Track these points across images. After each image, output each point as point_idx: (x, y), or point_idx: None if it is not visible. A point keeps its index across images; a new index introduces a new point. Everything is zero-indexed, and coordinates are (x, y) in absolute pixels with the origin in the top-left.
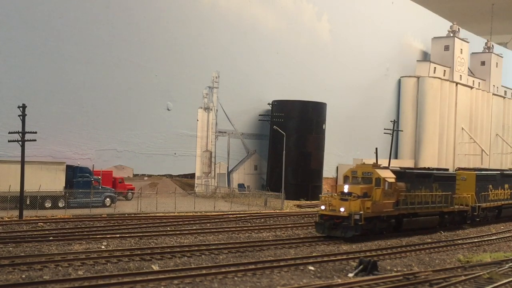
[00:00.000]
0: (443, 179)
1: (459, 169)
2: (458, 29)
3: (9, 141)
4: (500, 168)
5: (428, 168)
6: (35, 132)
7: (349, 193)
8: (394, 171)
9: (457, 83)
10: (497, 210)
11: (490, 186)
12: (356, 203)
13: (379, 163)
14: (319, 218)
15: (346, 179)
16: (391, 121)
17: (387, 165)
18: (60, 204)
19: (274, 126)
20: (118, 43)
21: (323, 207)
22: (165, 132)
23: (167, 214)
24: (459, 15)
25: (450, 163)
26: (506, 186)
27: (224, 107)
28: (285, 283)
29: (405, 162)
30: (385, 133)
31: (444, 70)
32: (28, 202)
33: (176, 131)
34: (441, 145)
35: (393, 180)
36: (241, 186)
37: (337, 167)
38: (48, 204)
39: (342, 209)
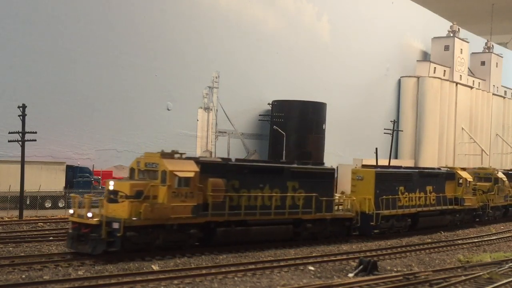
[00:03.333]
0: (307, 176)
1: (364, 166)
2: (458, 29)
3: (9, 141)
4: (501, 168)
5: (285, 161)
6: (35, 132)
7: (115, 192)
8: (206, 163)
9: (457, 83)
10: (410, 219)
11: (401, 188)
12: (123, 206)
13: (379, 163)
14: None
15: (132, 172)
16: (391, 121)
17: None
18: (60, 204)
19: (274, 126)
20: (118, 43)
21: (71, 211)
22: (165, 132)
23: None
24: (459, 15)
25: (450, 163)
26: (429, 188)
27: (224, 107)
28: (285, 283)
29: (405, 162)
30: (385, 133)
31: (444, 70)
32: (28, 202)
33: (176, 131)
34: (441, 145)
35: (189, 175)
36: None
37: (337, 167)
38: (48, 204)
39: (89, 214)
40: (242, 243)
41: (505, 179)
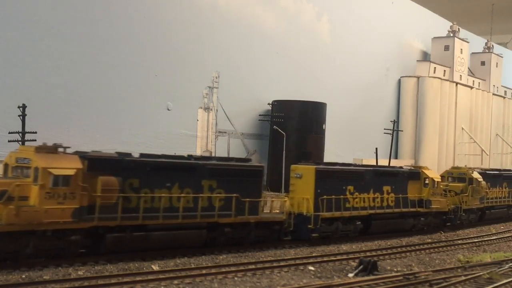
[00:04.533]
0: (228, 175)
1: (305, 163)
2: (458, 29)
3: (9, 141)
4: (501, 168)
5: (202, 157)
6: (35, 132)
7: None
8: (95, 158)
9: (457, 83)
10: (362, 222)
11: (350, 187)
12: None
13: (379, 163)
14: None
15: (5, 169)
16: (391, 121)
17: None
18: None
19: (274, 126)
20: (118, 43)
21: None
22: (165, 132)
23: None
24: (459, 15)
25: (450, 163)
26: (387, 188)
27: (224, 107)
28: (285, 283)
29: (405, 162)
30: (385, 133)
31: (444, 70)
32: None
33: (176, 131)
34: (441, 145)
35: (68, 172)
36: None
37: None
38: None
39: None
40: (141, 250)
41: (480, 179)
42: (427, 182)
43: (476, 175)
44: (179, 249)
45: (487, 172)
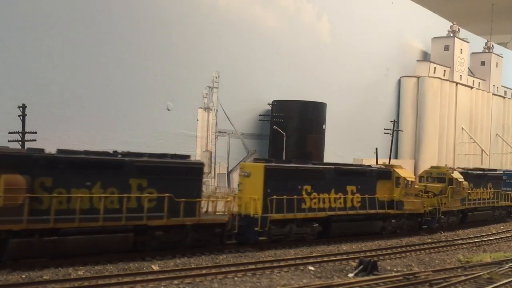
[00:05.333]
0: (161, 173)
1: (256, 160)
2: (458, 29)
3: (9, 141)
4: (501, 168)
5: (130, 154)
6: (35, 132)
7: None
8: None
9: (457, 83)
10: (320, 225)
11: (307, 187)
12: None
13: (379, 163)
14: None
15: None
16: (391, 121)
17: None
18: None
19: (274, 126)
20: (118, 43)
21: None
22: (165, 132)
23: None
24: (459, 15)
25: (450, 163)
26: (351, 188)
27: (224, 107)
28: (285, 283)
29: (405, 162)
30: (385, 133)
31: (444, 70)
32: None
33: (176, 131)
34: (441, 145)
35: None
36: None
37: None
38: None
39: None
40: (54, 256)
41: (461, 179)
42: (399, 182)
43: (456, 175)
44: (101, 255)
45: (470, 172)
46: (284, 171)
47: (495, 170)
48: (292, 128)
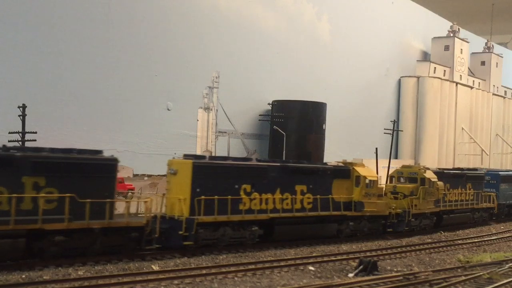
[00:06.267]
0: (64, 170)
1: (186, 156)
2: (458, 29)
3: (9, 141)
4: (501, 168)
5: (25, 148)
6: (35, 132)
7: None
8: None
9: (457, 83)
10: (259, 227)
11: (246, 186)
12: None
13: (379, 163)
14: None
15: None
16: (391, 121)
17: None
18: None
19: (274, 126)
20: (118, 43)
21: None
22: (165, 132)
23: None
24: (459, 15)
25: (450, 163)
26: (301, 188)
27: (224, 107)
28: (285, 283)
29: (405, 162)
30: (385, 133)
31: (444, 70)
32: None
33: (176, 131)
34: (441, 145)
35: None
36: None
37: None
38: None
39: None
40: None
41: (435, 179)
42: (359, 181)
43: (429, 174)
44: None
45: (445, 171)
46: (217, 169)
47: (476, 169)
48: (292, 128)
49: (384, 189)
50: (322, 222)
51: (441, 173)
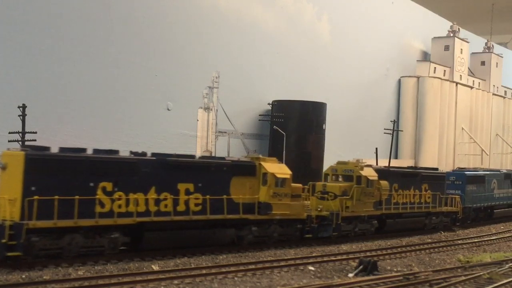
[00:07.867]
0: None
1: (24, 148)
2: (458, 29)
3: (9, 141)
4: (501, 168)
5: None
6: (35, 132)
7: None
8: None
9: (457, 83)
10: (122, 234)
11: (106, 184)
12: None
13: (379, 163)
14: None
15: None
16: (391, 121)
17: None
18: None
19: (274, 126)
20: (118, 42)
21: None
22: (165, 132)
23: None
24: (459, 15)
25: (450, 163)
26: (187, 187)
27: (224, 107)
28: (285, 283)
29: (405, 162)
30: (385, 133)
31: (444, 70)
32: None
33: (176, 131)
34: (441, 145)
35: None
36: None
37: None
38: None
39: None
40: None
41: (374, 178)
42: (266, 179)
43: (367, 172)
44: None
45: (392, 169)
46: (63, 163)
47: (436, 169)
48: (292, 128)
49: (301, 188)
50: (213, 227)
51: (386, 171)
